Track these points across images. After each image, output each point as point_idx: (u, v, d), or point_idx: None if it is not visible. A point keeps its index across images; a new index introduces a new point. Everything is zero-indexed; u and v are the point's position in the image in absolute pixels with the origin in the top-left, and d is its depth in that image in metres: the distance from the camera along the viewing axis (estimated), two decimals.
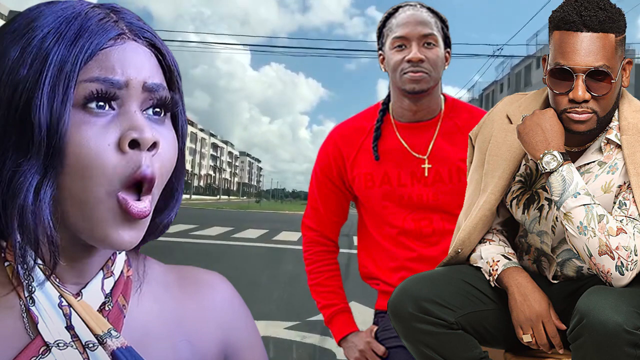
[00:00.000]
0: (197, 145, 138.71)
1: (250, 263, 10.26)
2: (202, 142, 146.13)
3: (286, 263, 10.35)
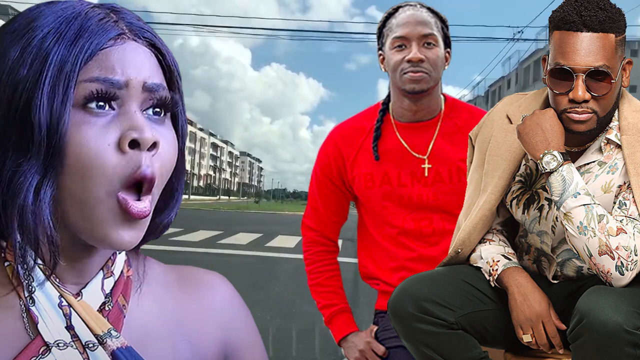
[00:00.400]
0: (196, 145, 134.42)
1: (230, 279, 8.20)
2: (201, 142, 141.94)
3: (278, 281, 8.13)
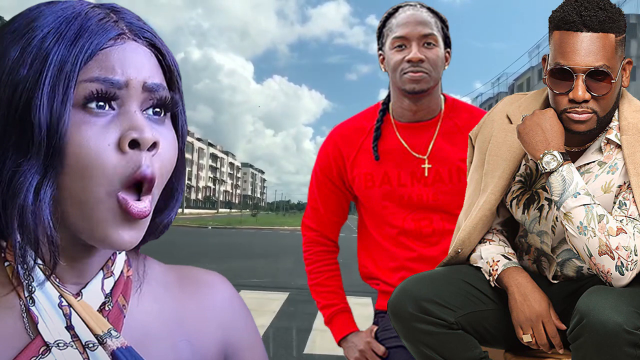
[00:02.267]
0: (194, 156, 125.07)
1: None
2: (199, 153, 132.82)
3: None
